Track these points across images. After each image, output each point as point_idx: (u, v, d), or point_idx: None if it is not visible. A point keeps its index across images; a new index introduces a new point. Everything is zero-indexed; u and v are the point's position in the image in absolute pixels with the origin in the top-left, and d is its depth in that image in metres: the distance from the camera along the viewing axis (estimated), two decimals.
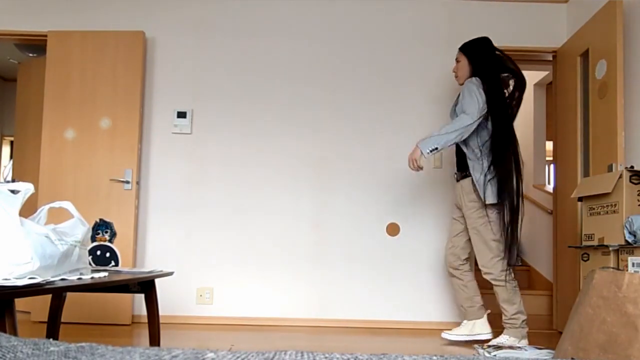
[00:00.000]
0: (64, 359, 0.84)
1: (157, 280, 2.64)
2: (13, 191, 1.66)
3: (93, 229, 2.73)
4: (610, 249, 2.84)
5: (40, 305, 3.65)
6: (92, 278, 1.95)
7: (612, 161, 3.28)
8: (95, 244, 2.75)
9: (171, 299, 3.96)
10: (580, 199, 3.31)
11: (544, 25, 4.27)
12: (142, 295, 2.61)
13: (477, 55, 3.37)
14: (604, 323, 1.95)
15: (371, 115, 4.19)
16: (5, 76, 6.98)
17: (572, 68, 3.97)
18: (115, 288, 2.59)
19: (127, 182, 3.92)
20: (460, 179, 3.33)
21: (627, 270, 2.65)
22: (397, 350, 3.21)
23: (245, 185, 4.12)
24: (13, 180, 4.32)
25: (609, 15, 3.42)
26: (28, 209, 1.84)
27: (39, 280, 1.59)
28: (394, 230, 4.10)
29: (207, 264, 4.05)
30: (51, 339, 0.93)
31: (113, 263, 2.77)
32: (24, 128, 4.69)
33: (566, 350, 2.09)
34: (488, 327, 3.30)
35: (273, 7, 4.25)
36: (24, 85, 4.77)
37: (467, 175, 3.25)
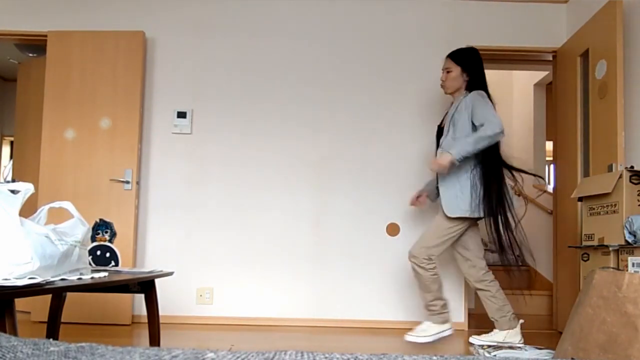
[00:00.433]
0: (64, 359, 0.84)
1: (157, 280, 2.64)
2: (13, 191, 1.66)
3: (93, 229, 2.73)
4: (610, 249, 2.84)
5: (40, 305, 3.65)
6: (92, 278, 1.95)
7: (612, 161, 3.28)
8: (95, 244, 2.75)
9: (171, 299, 3.96)
10: (580, 199, 3.31)
11: (544, 25, 4.27)
12: (142, 295, 2.61)
13: (474, 68, 3.24)
14: (604, 323, 1.95)
15: (371, 115, 4.18)
16: (5, 76, 6.98)
17: (572, 68, 3.97)
18: (115, 288, 2.59)
19: (127, 182, 3.92)
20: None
21: (627, 270, 2.65)
22: (397, 350, 3.21)
23: (245, 185, 4.12)
24: (13, 180, 4.32)
25: (609, 15, 3.42)
26: (28, 209, 1.83)
27: (39, 280, 1.59)
28: (394, 230, 4.10)
29: (207, 264, 4.05)
30: (51, 339, 0.93)
31: (113, 263, 2.77)
32: (24, 128, 4.69)
33: (566, 350, 2.09)
34: (519, 336, 3.19)
35: (273, 7, 4.25)
36: (24, 85, 4.77)
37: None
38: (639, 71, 3.37)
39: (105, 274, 2.15)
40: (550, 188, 5.55)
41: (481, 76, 3.24)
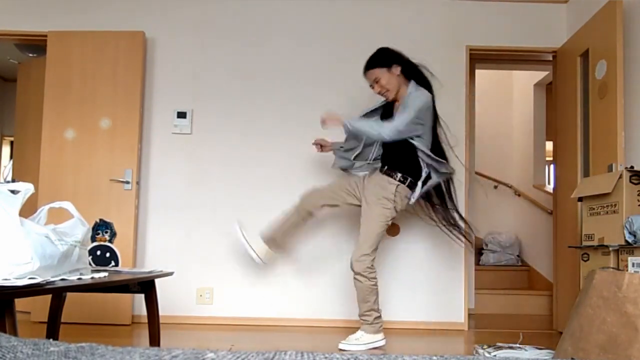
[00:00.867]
0: (64, 359, 0.84)
1: (157, 280, 2.64)
2: (13, 191, 1.66)
3: (93, 229, 2.72)
4: (610, 249, 2.84)
5: (40, 305, 3.64)
6: (92, 278, 1.95)
7: (612, 161, 3.28)
8: (95, 244, 2.75)
9: (171, 299, 3.96)
10: (580, 199, 3.31)
11: (544, 25, 4.27)
12: (142, 295, 2.61)
13: (396, 59, 3.24)
14: (604, 323, 1.95)
15: None
16: (5, 76, 6.98)
17: (572, 68, 3.97)
18: (115, 288, 2.59)
19: (127, 182, 3.92)
20: (388, 175, 3.24)
21: (627, 271, 2.65)
22: (397, 350, 3.21)
23: (245, 185, 4.12)
24: (13, 180, 4.32)
25: (609, 15, 3.42)
26: (28, 209, 1.83)
27: (39, 280, 1.59)
28: (394, 230, 4.10)
29: (207, 264, 4.05)
30: (51, 339, 0.93)
31: (113, 263, 2.77)
32: (24, 128, 4.69)
33: (566, 350, 2.09)
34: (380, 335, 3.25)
35: (273, 7, 4.25)
36: (24, 85, 4.77)
37: (405, 176, 3.19)
38: (639, 71, 3.37)
39: (105, 274, 2.15)
40: (550, 188, 5.55)
41: (407, 62, 3.27)
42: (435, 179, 3.25)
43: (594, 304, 2.04)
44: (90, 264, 2.28)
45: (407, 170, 3.21)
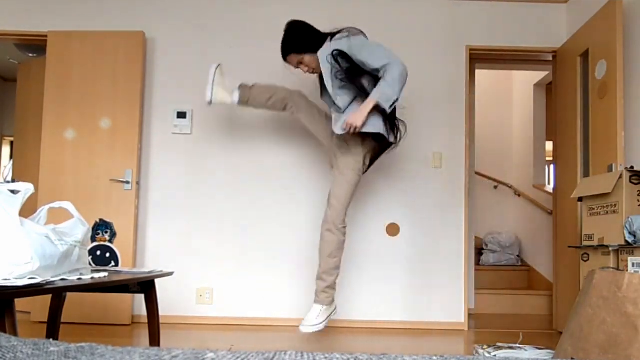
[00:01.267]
0: (64, 359, 0.84)
1: (157, 280, 2.64)
2: (13, 191, 1.66)
3: (93, 229, 2.73)
4: (610, 249, 2.84)
5: (40, 305, 3.65)
6: (92, 278, 1.96)
7: (612, 161, 3.28)
8: (95, 244, 2.75)
9: (171, 299, 3.96)
10: (580, 199, 3.32)
11: (544, 25, 4.27)
12: (142, 296, 2.61)
13: (309, 36, 3.20)
14: (604, 323, 1.95)
15: None
16: (5, 76, 6.98)
17: (572, 68, 3.97)
18: (115, 288, 2.59)
19: (127, 182, 3.92)
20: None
21: (627, 271, 2.65)
22: (397, 350, 3.21)
23: (245, 185, 4.12)
24: (13, 180, 4.32)
25: (609, 15, 3.42)
26: (28, 209, 1.83)
27: (39, 280, 1.59)
28: (394, 230, 4.10)
29: (207, 264, 4.05)
30: (51, 339, 0.93)
31: (113, 263, 2.77)
32: (24, 128, 4.69)
33: (566, 350, 2.09)
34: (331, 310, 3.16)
35: (273, 7, 4.25)
36: (24, 85, 4.77)
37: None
38: (639, 71, 3.37)
39: (105, 274, 2.15)
40: (550, 188, 5.55)
41: (316, 33, 3.23)
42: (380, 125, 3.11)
43: (594, 304, 2.04)
44: (90, 264, 2.28)
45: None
